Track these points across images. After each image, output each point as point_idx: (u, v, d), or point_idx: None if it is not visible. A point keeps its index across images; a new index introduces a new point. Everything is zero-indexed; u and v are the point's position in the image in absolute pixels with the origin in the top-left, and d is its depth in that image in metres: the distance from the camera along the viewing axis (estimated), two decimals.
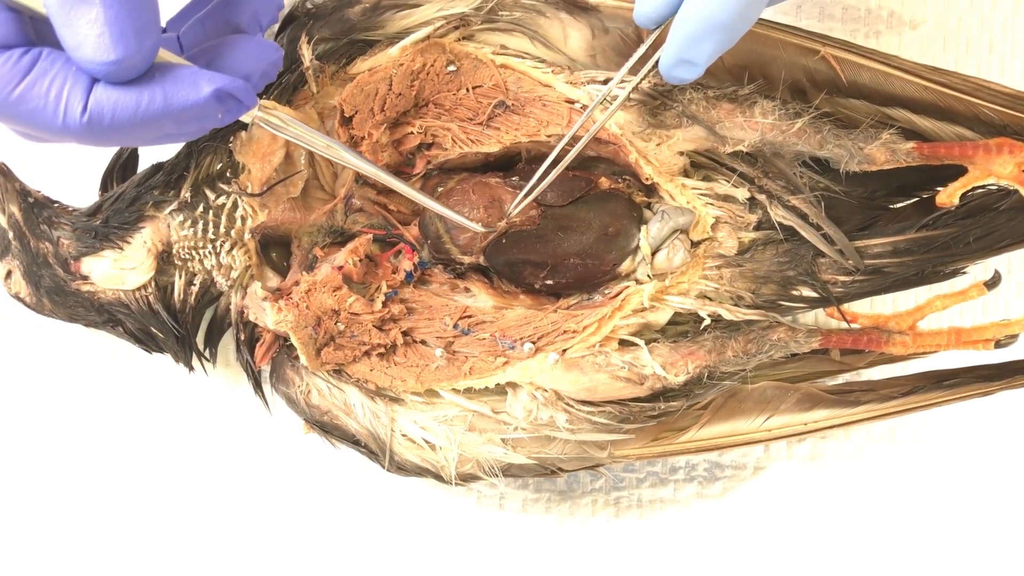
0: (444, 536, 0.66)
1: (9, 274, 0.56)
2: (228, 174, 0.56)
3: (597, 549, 0.66)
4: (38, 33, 0.45)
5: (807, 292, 0.58)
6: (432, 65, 0.56)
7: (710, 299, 0.58)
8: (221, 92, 0.44)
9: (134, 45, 0.41)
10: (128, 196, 0.55)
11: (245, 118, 0.48)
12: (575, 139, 0.53)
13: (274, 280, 0.58)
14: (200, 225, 0.56)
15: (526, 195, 0.54)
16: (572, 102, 0.56)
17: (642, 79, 0.51)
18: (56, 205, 0.56)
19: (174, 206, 0.56)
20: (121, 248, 0.55)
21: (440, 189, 0.57)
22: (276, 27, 0.57)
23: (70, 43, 0.42)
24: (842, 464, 0.67)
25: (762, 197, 0.57)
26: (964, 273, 0.59)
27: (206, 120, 0.45)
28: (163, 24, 0.50)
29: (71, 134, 0.43)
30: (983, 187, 0.56)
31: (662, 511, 0.66)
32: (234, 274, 0.57)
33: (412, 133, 0.57)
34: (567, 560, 0.66)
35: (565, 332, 0.57)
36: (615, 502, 0.66)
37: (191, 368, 0.59)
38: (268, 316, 0.56)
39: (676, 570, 0.66)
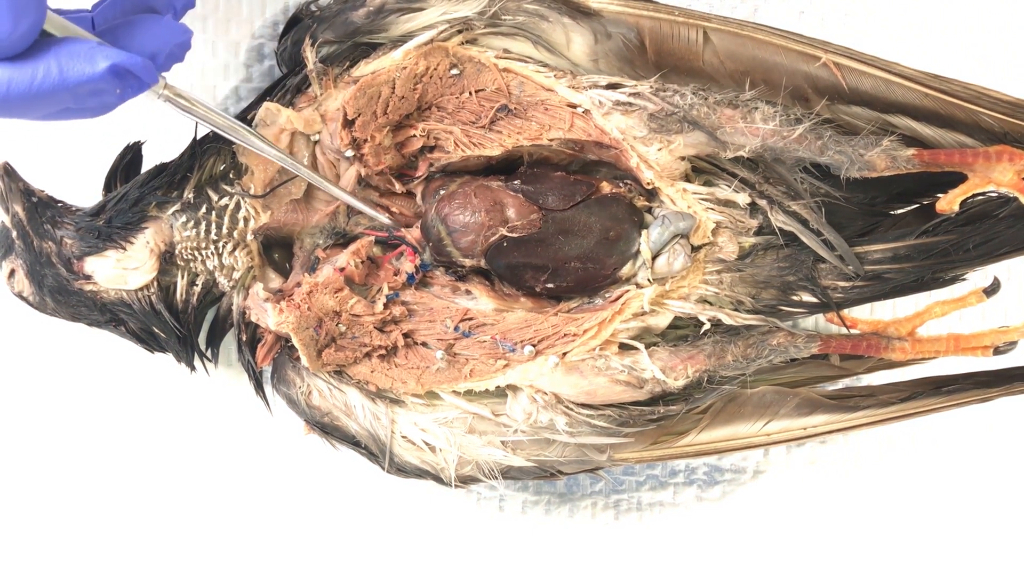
0: (443, 538, 0.66)
1: (12, 273, 0.56)
2: (231, 175, 0.56)
3: (596, 552, 0.66)
4: None
5: (807, 297, 0.58)
6: (435, 68, 0.56)
7: (710, 304, 0.58)
8: (118, 68, 0.45)
9: (8, 26, 0.43)
10: (131, 196, 0.55)
11: (149, 96, 0.48)
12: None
13: (276, 281, 0.59)
14: (203, 226, 0.56)
15: None
16: (574, 106, 0.56)
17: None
18: (60, 205, 0.56)
19: (177, 207, 0.56)
20: (124, 248, 0.55)
21: (442, 192, 0.58)
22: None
23: None
24: (841, 469, 0.67)
25: (763, 202, 0.57)
26: (964, 280, 0.59)
27: (104, 95, 0.46)
28: (89, 6, 0.50)
29: None
30: (983, 194, 0.56)
31: (661, 514, 0.67)
32: (236, 275, 0.57)
33: (415, 136, 0.57)
34: (566, 562, 0.66)
35: (565, 335, 0.57)
36: (615, 505, 0.66)
37: (193, 368, 0.60)
38: (270, 317, 0.56)
39: (675, 573, 0.67)
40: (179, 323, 0.57)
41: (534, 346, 0.57)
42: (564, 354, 0.56)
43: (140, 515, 0.65)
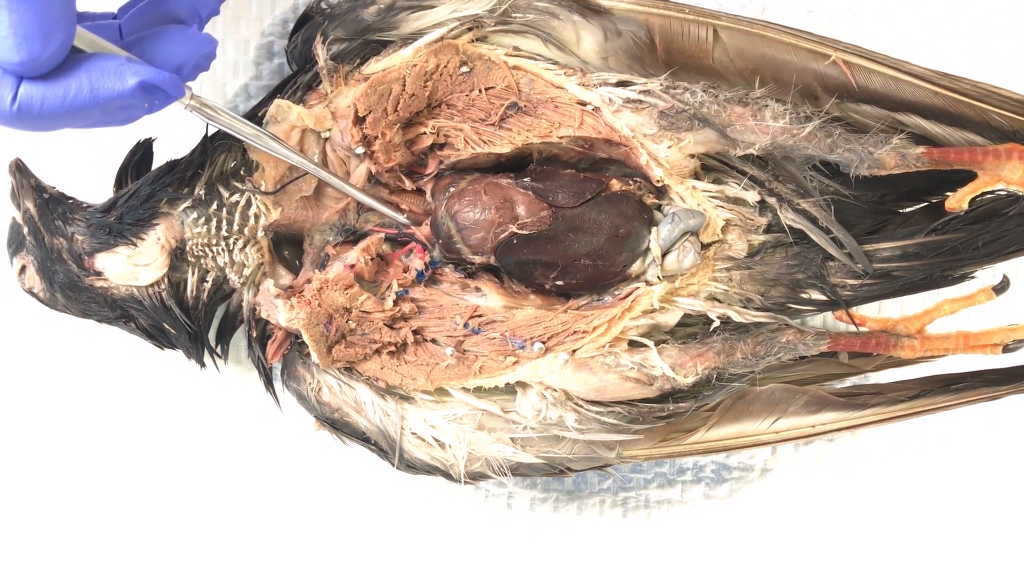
0: (452, 535, 0.66)
1: (23, 269, 0.57)
2: (242, 172, 0.57)
3: (604, 549, 0.67)
4: None
5: (816, 295, 0.59)
6: (445, 66, 0.56)
7: (719, 301, 0.58)
8: (146, 84, 0.46)
9: (38, 47, 0.43)
10: (142, 193, 0.55)
11: (176, 107, 0.49)
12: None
13: (286, 278, 0.59)
14: (214, 222, 0.56)
15: None
16: (584, 104, 0.56)
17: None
18: (71, 201, 0.57)
19: (188, 203, 0.56)
20: (135, 244, 0.56)
21: (452, 189, 0.58)
22: (282, 29, 0.57)
23: None
24: (849, 467, 0.67)
25: (772, 200, 0.57)
26: (972, 278, 0.59)
27: (133, 110, 0.47)
28: (115, 11, 0.51)
29: (5, 121, 0.45)
30: (992, 192, 0.56)
31: (669, 512, 0.67)
32: (247, 271, 0.58)
33: (425, 133, 0.57)
34: (574, 560, 0.67)
35: (575, 332, 0.57)
36: (623, 502, 0.66)
37: (203, 364, 0.60)
38: (280, 313, 0.56)
39: (683, 571, 0.67)
40: (189, 319, 0.58)
41: (544, 343, 0.57)
42: (574, 351, 0.57)
43: (150, 511, 0.65)
